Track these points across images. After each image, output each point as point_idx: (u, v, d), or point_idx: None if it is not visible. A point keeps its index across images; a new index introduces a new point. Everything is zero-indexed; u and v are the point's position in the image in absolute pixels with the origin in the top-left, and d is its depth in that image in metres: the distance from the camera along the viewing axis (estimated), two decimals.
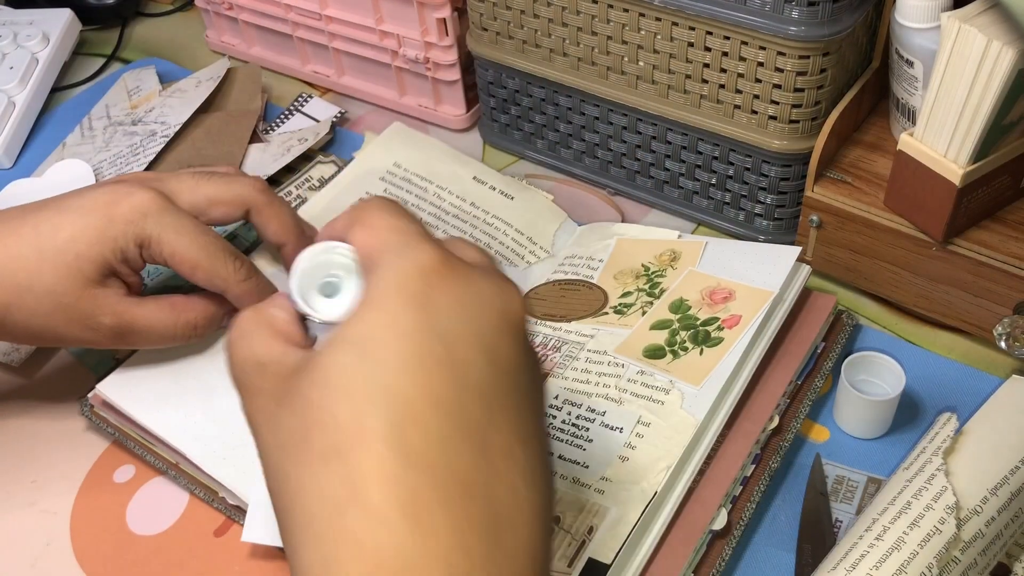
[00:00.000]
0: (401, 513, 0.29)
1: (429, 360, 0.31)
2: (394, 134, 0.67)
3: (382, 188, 0.64)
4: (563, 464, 0.47)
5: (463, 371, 0.31)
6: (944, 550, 0.42)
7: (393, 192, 0.63)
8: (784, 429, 0.51)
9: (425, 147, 0.67)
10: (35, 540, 0.51)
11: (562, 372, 0.52)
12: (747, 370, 0.50)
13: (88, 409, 0.54)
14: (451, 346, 0.31)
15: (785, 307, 0.53)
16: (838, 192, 0.57)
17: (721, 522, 0.46)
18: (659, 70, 0.60)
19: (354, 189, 0.63)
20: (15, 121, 0.76)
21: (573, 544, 0.44)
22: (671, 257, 0.57)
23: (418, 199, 0.63)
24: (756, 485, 0.48)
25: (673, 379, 0.49)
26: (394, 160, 0.65)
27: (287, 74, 0.81)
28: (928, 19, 0.52)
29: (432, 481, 0.29)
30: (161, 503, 0.52)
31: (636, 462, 0.46)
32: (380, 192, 0.63)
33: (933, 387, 0.55)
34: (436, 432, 0.30)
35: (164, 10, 0.91)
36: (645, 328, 0.53)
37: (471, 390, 0.31)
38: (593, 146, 0.67)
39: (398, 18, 0.70)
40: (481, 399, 0.31)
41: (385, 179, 0.64)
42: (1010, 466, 0.45)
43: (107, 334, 0.49)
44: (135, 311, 0.49)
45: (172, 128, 0.71)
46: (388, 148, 0.66)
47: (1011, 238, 0.53)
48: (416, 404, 0.30)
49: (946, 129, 0.49)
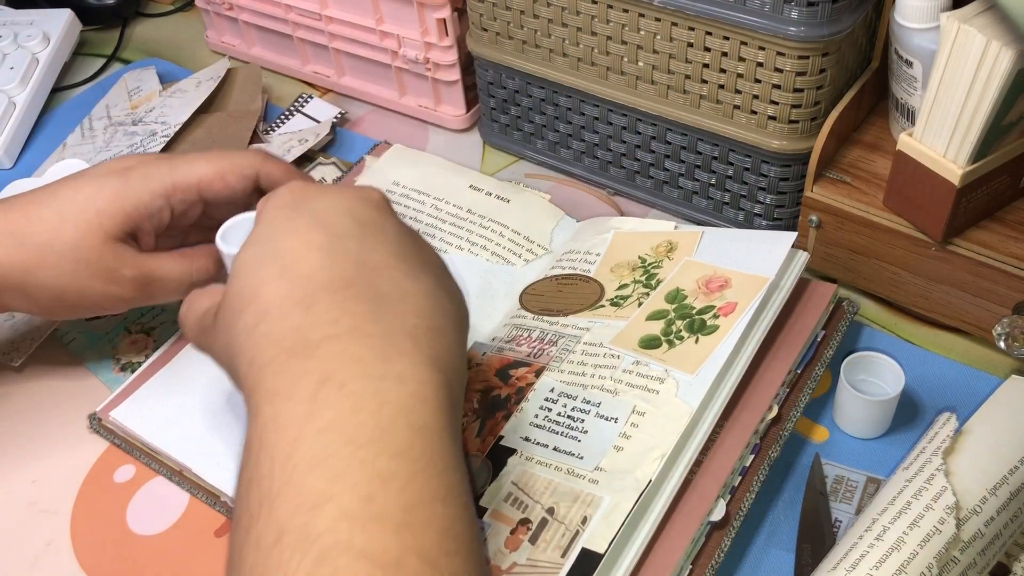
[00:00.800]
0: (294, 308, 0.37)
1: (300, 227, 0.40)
2: (393, 156, 0.69)
3: None
4: (558, 456, 0.48)
5: (333, 227, 0.40)
6: (944, 550, 0.42)
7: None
8: (783, 419, 0.51)
9: (422, 164, 0.69)
10: (35, 540, 0.51)
11: (558, 365, 0.52)
12: (743, 358, 0.50)
13: (97, 423, 0.56)
14: (320, 216, 0.41)
15: (782, 294, 0.52)
16: (837, 192, 0.57)
17: (719, 513, 0.46)
18: (659, 70, 0.60)
19: None
20: (15, 121, 0.77)
21: (567, 534, 0.44)
22: (668, 248, 0.57)
23: (416, 211, 0.65)
24: (755, 475, 0.48)
25: (668, 368, 0.49)
26: (393, 179, 0.67)
27: (287, 74, 0.81)
28: (927, 19, 0.52)
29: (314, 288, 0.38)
30: (161, 503, 0.52)
31: (630, 452, 0.46)
32: None
33: (932, 387, 0.55)
34: (317, 261, 0.39)
35: (164, 10, 0.91)
36: (641, 319, 0.53)
37: (343, 236, 0.40)
38: (593, 146, 0.67)
39: (398, 18, 0.70)
40: (352, 239, 0.40)
41: None
42: (1009, 466, 0.45)
43: (129, 287, 0.51)
44: (153, 263, 0.52)
45: (172, 128, 0.71)
46: (387, 169, 0.68)
47: (1010, 238, 0.53)
48: (298, 251, 0.39)
49: (945, 129, 0.50)
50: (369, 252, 0.40)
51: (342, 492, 0.32)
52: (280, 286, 0.38)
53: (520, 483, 0.47)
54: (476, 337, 0.57)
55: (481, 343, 0.56)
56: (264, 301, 0.38)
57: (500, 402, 0.52)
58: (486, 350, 0.55)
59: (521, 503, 0.46)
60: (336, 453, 0.33)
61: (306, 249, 0.39)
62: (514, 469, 0.48)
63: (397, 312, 0.38)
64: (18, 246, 0.50)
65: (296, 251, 0.39)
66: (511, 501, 0.46)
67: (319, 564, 0.31)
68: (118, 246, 0.51)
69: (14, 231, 0.50)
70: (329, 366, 0.36)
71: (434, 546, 0.33)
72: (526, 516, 0.45)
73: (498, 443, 0.49)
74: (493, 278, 0.60)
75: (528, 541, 0.44)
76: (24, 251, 0.49)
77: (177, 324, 0.58)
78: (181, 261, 0.53)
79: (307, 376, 0.35)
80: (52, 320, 0.60)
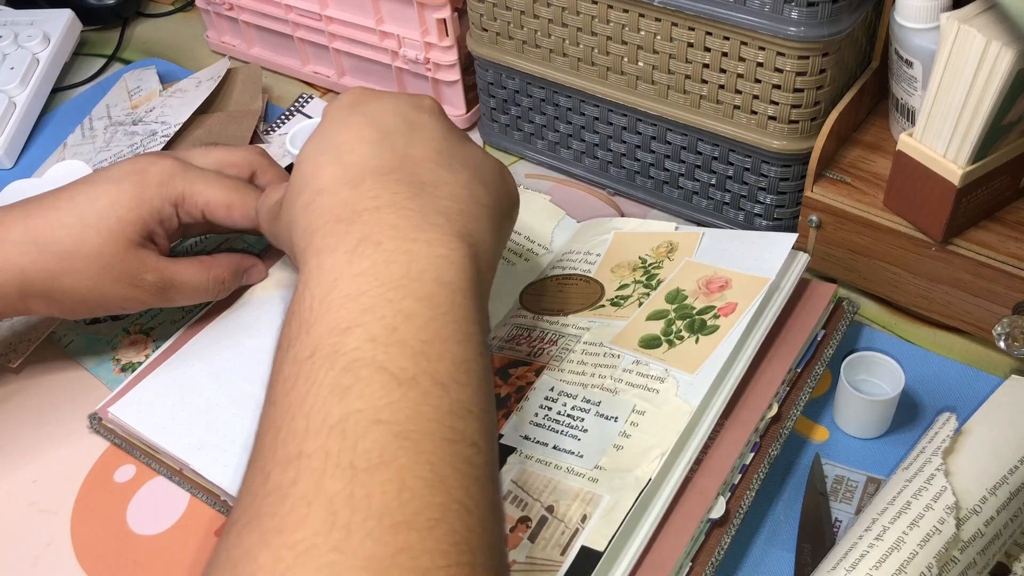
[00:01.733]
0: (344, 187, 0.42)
1: (356, 124, 0.45)
2: None
3: None
4: (557, 454, 0.48)
5: (383, 125, 0.45)
6: (943, 550, 0.42)
7: None
8: (783, 417, 0.51)
9: None
10: (35, 540, 0.51)
11: (558, 365, 0.52)
12: (744, 357, 0.50)
13: (96, 423, 0.56)
14: (373, 116, 0.45)
15: (783, 294, 0.53)
16: (837, 192, 0.57)
17: (719, 511, 0.46)
18: (659, 70, 0.60)
19: None
20: (16, 121, 0.77)
21: (566, 533, 0.44)
22: (668, 249, 0.57)
23: None
24: (755, 473, 0.48)
25: (668, 368, 0.49)
26: None
27: (287, 74, 0.81)
28: (927, 19, 0.52)
29: (362, 171, 0.43)
30: (161, 503, 0.52)
31: (630, 450, 0.46)
32: None
33: (932, 387, 0.55)
34: (367, 151, 0.43)
35: (164, 10, 0.91)
36: (641, 319, 0.53)
37: (392, 133, 0.44)
38: (593, 146, 0.67)
39: (398, 18, 0.70)
40: (400, 136, 0.44)
41: None
42: (1009, 466, 0.45)
43: (150, 290, 0.53)
44: (174, 268, 0.54)
45: (172, 128, 0.71)
46: None
47: (1010, 238, 0.53)
48: (351, 143, 0.44)
49: (945, 129, 0.50)
50: (414, 147, 0.44)
51: (370, 321, 0.37)
52: (334, 170, 0.43)
53: (520, 481, 0.47)
54: None
55: None
56: (320, 182, 0.43)
57: (500, 401, 0.52)
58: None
59: (521, 501, 0.46)
60: (368, 292, 0.38)
61: (358, 141, 0.44)
62: (514, 467, 0.48)
63: (433, 195, 0.42)
64: (41, 253, 0.51)
65: (350, 143, 0.44)
66: (511, 499, 0.46)
67: (345, 372, 0.35)
68: (139, 251, 0.53)
69: (36, 239, 0.51)
70: (369, 228, 0.40)
71: (446, 373, 0.36)
72: (526, 514, 0.45)
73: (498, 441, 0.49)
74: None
75: (528, 539, 0.44)
76: (48, 258, 0.51)
77: (175, 324, 0.59)
78: (200, 269, 0.55)
79: (349, 235, 0.40)
80: (51, 322, 0.60)
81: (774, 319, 0.51)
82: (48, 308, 0.53)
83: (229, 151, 0.58)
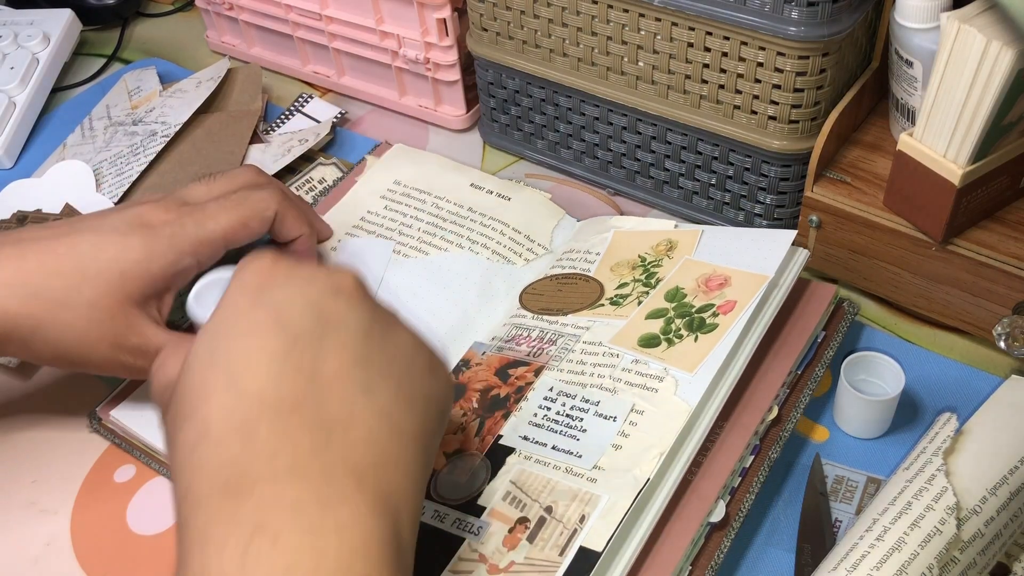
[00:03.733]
0: (234, 435, 0.35)
1: (258, 325, 0.38)
2: (394, 155, 0.69)
3: (383, 205, 0.65)
4: (556, 454, 0.48)
5: (291, 328, 0.38)
6: (944, 550, 0.42)
7: (392, 206, 0.65)
8: (783, 419, 0.51)
9: (423, 162, 0.69)
10: (35, 540, 0.51)
11: (557, 364, 0.52)
12: (743, 356, 0.49)
13: (97, 423, 0.56)
14: (280, 311, 0.38)
15: (782, 292, 0.52)
16: (838, 192, 0.57)
17: (719, 514, 0.46)
18: (659, 70, 0.60)
19: (355, 209, 0.65)
20: (16, 121, 0.77)
21: (565, 533, 0.44)
22: (667, 247, 0.57)
23: (417, 210, 0.65)
24: (755, 476, 0.48)
25: (667, 367, 0.49)
26: (394, 178, 0.67)
27: (287, 74, 0.81)
28: (928, 19, 0.52)
29: (258, 410, 0.36)
30: (161, 503, 0.52)
31: (629, 450, 0.46)
32: (380, 209, 0.65)
33: (933, 387, 0.55)
34: (266, 373, 0.37)
35: (164, 10, 0.91)
36: (640, 318, 0.53)
37: (300, 338, 0.38)
38: (593, 146, 0.67)
39: (398, 18, 0.70)
40: (309, 343, 0.38)
41: (385, 196, 0.66)
42: (1009, 466, 0.45)
43: (131, 355, 0.49)
44: (160, 339, 0.49)
45: (172, 128, 0.71)
46: (388, 168, 0.68)
47: (1010, 238, 0.53)
48: (248, 359, 0.37)
49: (945, 129, 0.49)
50: (325, 360, 0.37)
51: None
52: (225, 401, 0.36)
53: (518, 482, 0.47)
54: (476, 336, 0.57)
55: (481, 342, 0.56)
56: (205, 416, 0.36)
57: (499, 401, 0.52)
58: (486, 349, 0.55)
59: (519, 502, 0.46)
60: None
61: (258, 356, 0.37)
62: (513, 468, 0.48)
63: (344, 443, 0.36)
64: (31, 298, 0.47)
65: (248, 357, 0.37)
66: (509, 500, 0.46)
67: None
68: (133, 311, 0.49)
69: (28, 282, 0.47)
70: (264, 513, 0.33)
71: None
72: (524, 515, 0.45)
73: (497, 442, 0.49)
74: (493, 277, 0.60)
75: (526, 540, 0.44)
76: (37, 304, 0.47)
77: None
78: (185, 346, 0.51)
79: (240, 523, 0.33)
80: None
81: (774, 316, 0.51)
82: (27, 355, 0.49)
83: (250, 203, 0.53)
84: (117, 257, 0.48)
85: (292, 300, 0.39)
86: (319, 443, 0.35)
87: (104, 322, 0.48)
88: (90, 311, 0.48)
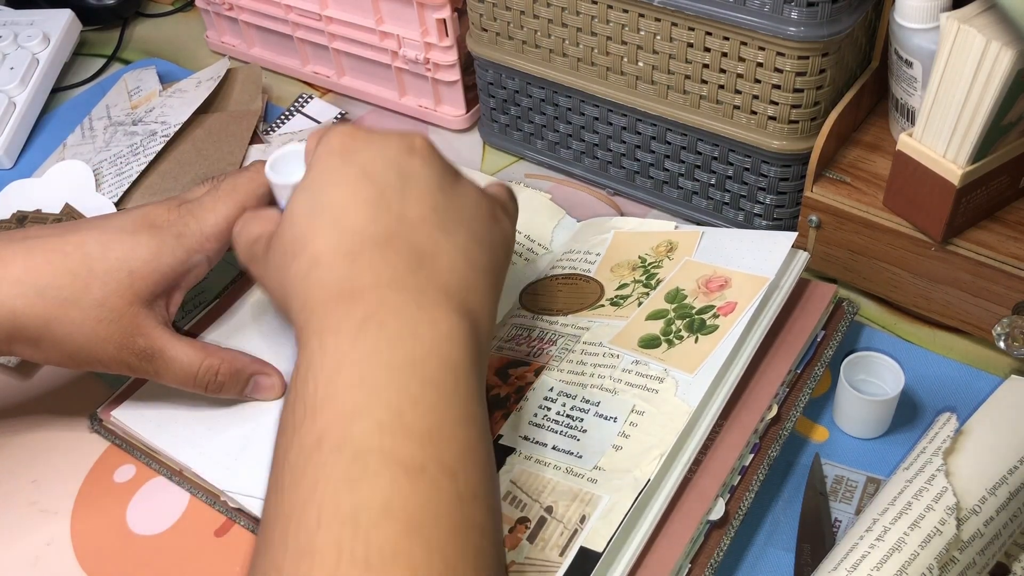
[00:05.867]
0: (342, 260, 0.41)
1: (349, 178, 0.43)
2: None
3: None
4: (556, 455, 0.48)
5: (377, 180, 0.43)
6: (944, 550, 0.42)
7: None
8: (783, 418, 0.51)
9: None
10: (35, 540, 0.51)
11: (557, 365, 0.52)
12: (743, 357, 0.50)
13: (97, 424, 0.56)
14: (365, 167, 0.44)
15: (782, 293, 0.52)
16: (837, 192, 0.57)
17: (718, 512, 0.46)
18: (659, 70, 0.60)
19: None
20: (16, 121, 0.77)
21: (565, 533, 0.44)
22: (668, 248, 0.57)
23: None
24: (755, 475, 0.48)
25: (667, 368, 0.49)
26: None
27: (287, 74, 0.81)
28: (927, 19, 0.52)
29: (360, 240, 0.42)
30: (161, 503, 0.52)
31: (629, 451, 0.46)
32: None
33: (932, 387, 0.55)
34: (363, 215, 0.42)
35: (164, 10, 0.91)
36: (641, 319, 0.53)
37: (386, 188, 0.43)
38: (593, 146, 0.67)
39: (398, 18, 0.70)
40: (394, 191, 0.43)
41: None
42: (1009, 466, 0.45)
43: (137, 356, 0.49)
44: (168, 339, 0.50)
45: (172, 128, 0.71)
46: None
47: (1010, 238, 0.53)
48: (346, 204, 0.43)
49: (945, 129, 0.50)
50: (409, 206, 0.43)
51: (377, 407, 0.37)
52: (331, 237, 0.42)
53: (519, 482, 0.47)
54: None
55: None
56: (316, 250, 0.42)
57: (499, 401, 0.52)
58: None
59: (520, 502, 0.46)
60: (374, 376, 0.37)
61: (354, 202, 0.43)
62: (513, 468, 0.48)
63: (432, 268, 0.42)
64: (38, 297, 0.47)
65: (345, 203, 0.43)
66: (509, 500, 0.46)
67: (353, 462, 0.35)
68: (141, 311, 0.49)
69: (36, 281, 0.47)
70: (372, 308, 0.40)
71: (454, 458, 0.36)
72: (524, 515, 0.45)
73: (497, 442, 0.49)
74: None
75: (526, 540, 0.44)
76: (45, 303, 0.47)
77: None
78: (195, 351, 0.51)
79: (352, 315, 0.39)
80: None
81: (774, 318, 0.51)
82: (33, 354, 0.49)
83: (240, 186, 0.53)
84: (126, 256, 0.49)
85: (374, 159, 0.44)
86: (412, 266, 0.41)
87: (112, 322, 0.48)
88: (99, 310, 0.48)
